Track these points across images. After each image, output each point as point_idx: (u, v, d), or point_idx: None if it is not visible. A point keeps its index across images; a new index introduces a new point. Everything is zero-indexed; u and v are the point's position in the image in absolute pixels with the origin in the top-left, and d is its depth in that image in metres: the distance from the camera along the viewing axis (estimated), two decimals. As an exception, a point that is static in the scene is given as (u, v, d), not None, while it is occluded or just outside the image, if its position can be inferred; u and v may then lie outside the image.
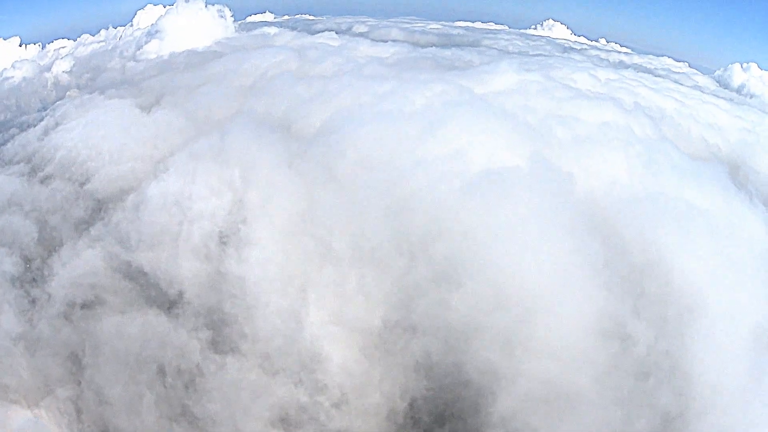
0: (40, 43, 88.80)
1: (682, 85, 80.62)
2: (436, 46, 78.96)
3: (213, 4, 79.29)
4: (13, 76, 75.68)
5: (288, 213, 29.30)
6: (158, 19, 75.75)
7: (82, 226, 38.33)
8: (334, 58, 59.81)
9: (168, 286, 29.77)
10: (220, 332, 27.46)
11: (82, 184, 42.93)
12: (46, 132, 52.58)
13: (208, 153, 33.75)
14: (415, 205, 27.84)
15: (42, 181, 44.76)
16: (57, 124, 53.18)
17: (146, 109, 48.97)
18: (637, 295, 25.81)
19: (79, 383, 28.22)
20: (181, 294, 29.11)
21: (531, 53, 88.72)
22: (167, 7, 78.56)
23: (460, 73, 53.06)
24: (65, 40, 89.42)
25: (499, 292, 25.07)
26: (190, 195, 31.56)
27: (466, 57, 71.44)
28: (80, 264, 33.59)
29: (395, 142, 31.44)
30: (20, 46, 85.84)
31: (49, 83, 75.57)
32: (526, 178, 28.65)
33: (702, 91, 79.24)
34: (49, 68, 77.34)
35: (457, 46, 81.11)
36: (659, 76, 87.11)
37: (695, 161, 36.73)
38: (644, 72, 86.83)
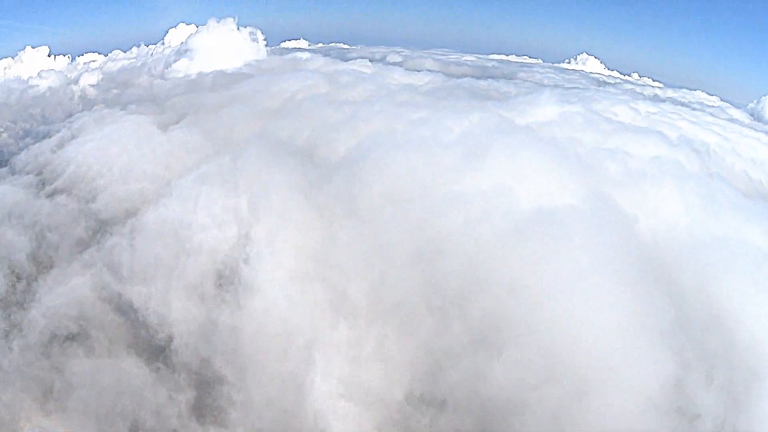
0: (69, 55, 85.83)
1: (718, 118, 75.91)
2: (471, 77, 74.05)
3: (245, 26, 75.68)
4: (38, 85, 72.58)
5: (299, 252, 24.12)
6: (188, 38, 72.26)
7: (79, 247, 34.38)
8: (366, 84, 55.23)
9: (156, 328, 24.83)
10: (205, 395, 22.14)
11: (87, 202, 39.05)
12: (61, 144, 49.70)
13: (216, 177, 28.96)
14: (450, 248, 22.46)
15: (49, 195, 41.19)
16: (73, 137, 50.21)
17: (165, 127, 45.20)
18: (704, 359, 21.05)
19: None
20: (169, 340, 24.05)
21: (567, 86, 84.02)
22: (199, 26, 75.06)
23: (499, 103, 48.47)
24: (96, 54, 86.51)
25: (549, 360, 19.71)
26: (190, 224, 26.71)
27: (503, 88, 66.69)
28: (66, 292, 29.08)
29: (429, 172, 26.27)
30: (49, 56, 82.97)
31: (75, 95, 72.31)
32: (585, 220, 23.47)
33: (740, 125, 74.47)
34: (76, 81, 74.15)
35: (493, 77, 76.36)
36: (695, 109, 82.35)
37: (749, 199, 32.83)
38: (680, 105, 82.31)
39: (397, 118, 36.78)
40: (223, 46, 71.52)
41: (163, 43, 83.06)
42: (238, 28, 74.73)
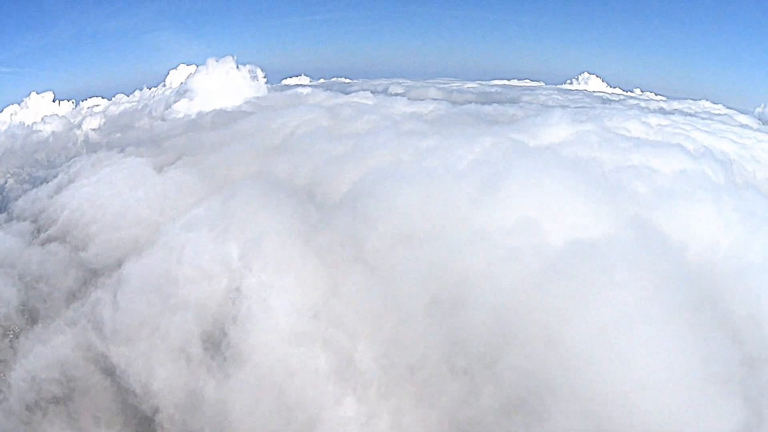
0: (73, 100, 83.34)
1: (730, 125, 72.06)
2: (476, 103, 70.57)
3: (245, 65, 72.90)
4: (41, 130, 70.01)
5: (297, 308, 20.33)
6: (187, 78, 69.50)
7: (68, 299, 31.47)
8: (369, 115, 51.78)
9: (141, 397, 20.92)
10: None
11: (78, 250, 36.00)
12: (58, 189, 47.15)
13: (205, 223, 25.41)
14: (473, 296, 18.69)
15: (43, 243, 38.53)
16: (70, 181, 47.45)
17: (161, 168, 42.17)
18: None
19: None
20: (155, 411, 20.14)
21: (572, 106, 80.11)
22: (199, 66, 72.41)
23: (508, 126, 44.75)
24: (99, 98, 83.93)
25: (601, 426, 15.80)
26: (175, 277, 23.01)
27: (509, 112, 63.11)
28: (48, 352, 25.80)
29: (443, 207, 22.62)
30: (54, 101, 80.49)
31: (78, 140, 69.87)
32: (626, 252, 19.74)
33: (752, 130, 70.56)
34: (79, 125, 71.56)
35: (498, 102, 72.81)
36: (704, 119, 78.55)
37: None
38: (689, 116, 78.65)
39: (402, 148, 33.24)
40: (222, 85, 68.82)
41: (164, 85, 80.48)
42: (237, 67, 72.13)
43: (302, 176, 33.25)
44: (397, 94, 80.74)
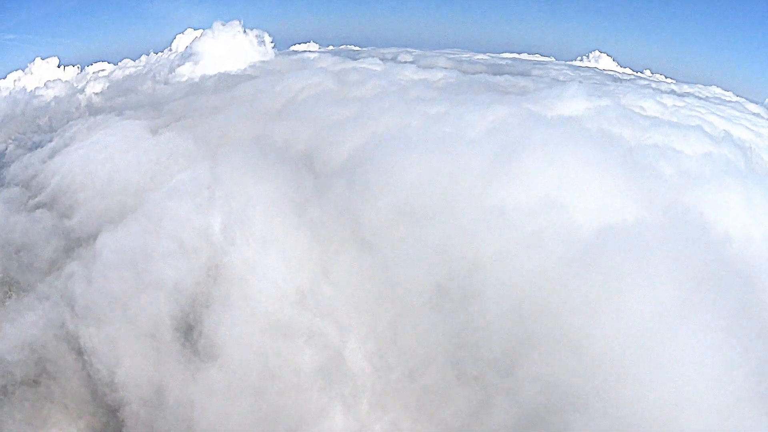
0: (79, 66, 79.05)
1: (743, 113, 67.70)
2: (486, 73, 66.06)
3: (252, 29, 68.77)
4: (43, 95, 66.23)
5: (281, 293, 16.96)
6: (192, 41, 65.48)
7: (49, 269, 28.22)
8: (377, 80, 47.93)
9: (107, 385, 18.02)
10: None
11: (63, 218, 32.72)
12: (52, 154, 43.64)
13: (189, 191, 21.98)
14: (487, 288, 15.23)
15: (32, 210, 35.43)
16: (65, 146, 44.04)
17: (156, 131, 38.59)
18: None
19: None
20: (120, 405, 17.18)
21: (586, 82, 75.70)
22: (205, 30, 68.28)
23: (522, 97, 40.95)
24: (105, 63, 79.68)
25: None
26: (151, 253, 19.67)
27: (520, 83, 58.70)
28: (15, 331, 22.61)
29: (453, 179, 19.13)
30: (59, 67, 76.37)
31: (82, 104, 65.87)
32: (665, 239, 16.22)
33: (766, 120, 66.32)
34: (83, 90, 67.58)
35: (509, 74, 68.16)
36: (717, 104, 74.20)
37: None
38: (702, 100, 74.17)
39: (410, 113, 29.71)
40: (228, 49, 64.83)
41: (170, 49, 76.27)
42: (244, 31, 67.75)
43: (301, 141, 29.84)
44: (406, 62, 76.66)
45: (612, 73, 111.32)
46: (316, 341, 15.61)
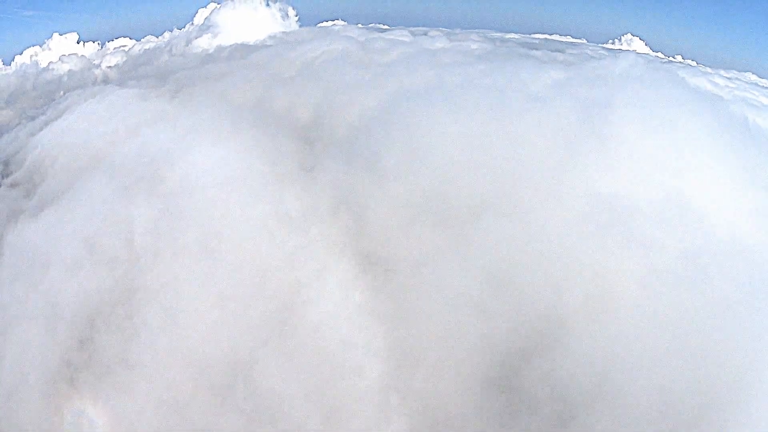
0: (99, 42, 72.02)
1: None
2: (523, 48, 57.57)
3: (276, 2, 61.46)
4: (55, 69, 59.72)
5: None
6: (211, 13, 58.48)
7: None
8: (405, 48, 40.12)
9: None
10: None
11: (26, 197, 26.31)
12: (42, 126, 36.73)
13: (126, 169, 14.67)
14: (577, 335, 7.45)
15: (10, 188, 29.32)
16: (57, 118, 37.37)
17: (146, 98, 31.54)
18: None
19: None
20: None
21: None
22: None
23: (573, 66, 33.03)
24: (128, 39, 72.66)
25: None
26: (56, 247, 12.42)
27: (560, 58, 49.91)
28: None
29: (515, 153, 11.12)
30: (78, 43, 69.41)
31: (98, 79, 59.49)
32: None
33: None
34: (99, 65, 61.08)
35: (546, 49, 59.51)
36: (761, 88, 66.31)
37: None
38: (743, 83, 66.34)
39: (445, 73, 21.86)
40: (248, 21, 57.54)
41: (192, 23, 68.90)
42: (267, 4, 60.36)
43: (306, 105, 22.50)
44: (436, 36, 68.37)
45: (645, 56, 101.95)
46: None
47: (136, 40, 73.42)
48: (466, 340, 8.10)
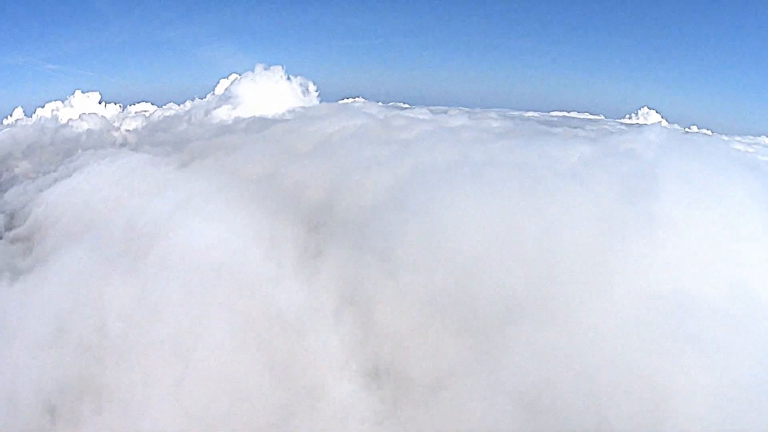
0: (120, 104, 72.93)
1: None
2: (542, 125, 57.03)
3: (297, 76, 61.93)
4: (74, 126, 60.07)
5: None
6: (231, 83, 58.98)
7: None
8: (425, 125, 39.42)
9: None
10: None
11: (21, 255, 25.29)
12: (51, 183, 36.12)
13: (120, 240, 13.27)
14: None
15: (10, 242, 28.99)
16: (67, 176, 36.92)
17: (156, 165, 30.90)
18: None
19: None
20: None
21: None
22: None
23: (598, 142, 31.90)
24: (149, 104, 73.65)
25: None
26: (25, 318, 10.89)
27: (581, 134, 49.03)
28: None
29: (541, 226, 9.46)
30: (100, 103, 70.25)
31: (117, 141, 59.72)
32: None
33: None
34: (119, 127, 61.46)
35: (567, 126, 58.96)
36: None
37: None
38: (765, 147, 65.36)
39: (466, 150, 20.53)
40: (268, 94, 57.72)
41: (213, 93, 69.68)
42: (288, 78, 60.77)
43: (318, 183, 21.12)
44: (456, 114, 68.35)
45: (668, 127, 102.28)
46: None
47: (158, 106, 74.58)
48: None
